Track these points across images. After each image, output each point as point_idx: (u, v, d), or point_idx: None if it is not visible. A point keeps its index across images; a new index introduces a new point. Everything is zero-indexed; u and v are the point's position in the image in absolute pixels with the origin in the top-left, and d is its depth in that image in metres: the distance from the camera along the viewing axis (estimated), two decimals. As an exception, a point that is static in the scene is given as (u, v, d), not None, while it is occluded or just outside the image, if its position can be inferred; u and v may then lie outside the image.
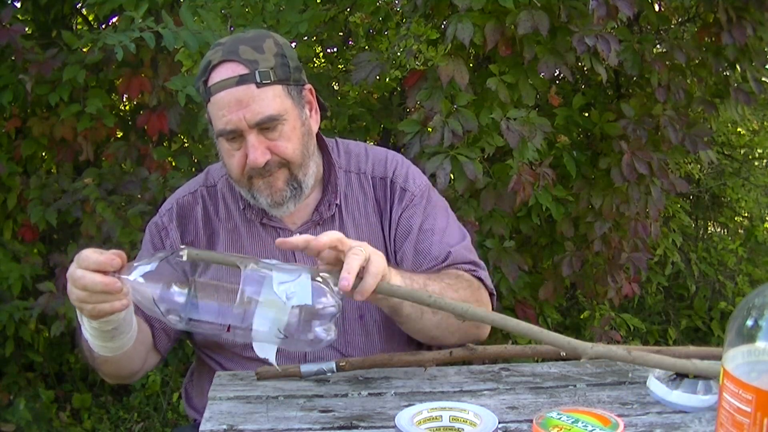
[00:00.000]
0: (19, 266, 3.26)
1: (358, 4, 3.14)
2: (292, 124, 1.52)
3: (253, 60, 1.48)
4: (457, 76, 2.57)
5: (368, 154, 1.70)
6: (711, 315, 4.73)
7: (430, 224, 1.64)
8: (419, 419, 1.18)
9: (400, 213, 1.64)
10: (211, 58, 1.50)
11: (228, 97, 1.47)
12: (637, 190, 3.03)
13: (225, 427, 1.23)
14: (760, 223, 5.13)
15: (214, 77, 1.49)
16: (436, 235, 1.63)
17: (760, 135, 4.74)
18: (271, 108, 1.48)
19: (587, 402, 1.31)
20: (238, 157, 1.52)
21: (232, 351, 1.60)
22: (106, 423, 3.67)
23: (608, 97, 3.40)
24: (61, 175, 3.30)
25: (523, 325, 1.26)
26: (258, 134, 1.49)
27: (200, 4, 2.88)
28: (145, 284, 1.20)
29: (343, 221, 1.63)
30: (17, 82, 3.06)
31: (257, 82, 1.47)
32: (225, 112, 1.48)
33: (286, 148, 1.52)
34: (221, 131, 1.50)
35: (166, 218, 1.66)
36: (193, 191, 1.68)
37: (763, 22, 2.95)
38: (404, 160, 1.72)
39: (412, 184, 1.66)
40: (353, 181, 1.66)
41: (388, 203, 1.66)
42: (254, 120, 1.47)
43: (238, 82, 1.47)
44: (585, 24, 2.66)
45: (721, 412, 0.88)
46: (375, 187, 1.67)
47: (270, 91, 1.49)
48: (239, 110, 1.47)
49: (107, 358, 1.41)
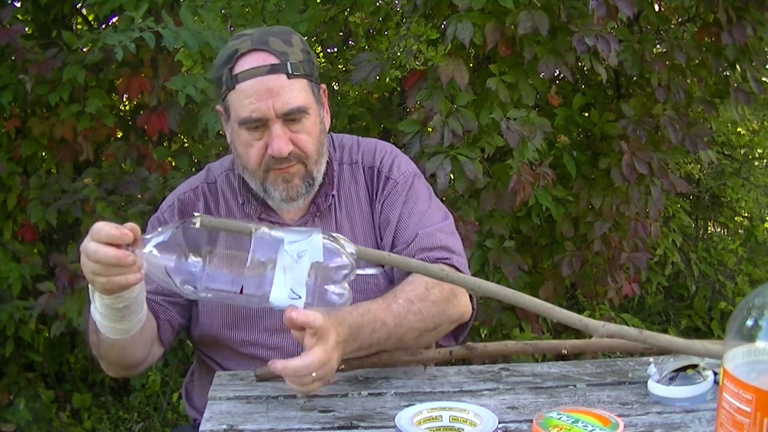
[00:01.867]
0: (19, 266, 3.26)
1: (358, 4, 3.14)
2: (313, 120, 1.53)
3: (284, 52, 1.49)
4: (457, 76, 2.57)
5: (359, 145, 1.71)
6: (711, 315, 4.73)
7: (409, 208, 1.63)
8: (419, 419, 1.18)
9: (383, 200, 1.64)
10: (238, 47, 1.50)
11: (258, 85, 1.47)
12: (637, 190, 3.03)
13: (225, 427, 1.23)
14: (760, 223, 5.13)
15: (242, 65, 1.48)
16: (413, 217, 1.62)
17: (760, 135, 4.74)
18: (299, 100, 1.49)
19: (587, 402, 1.31)
20: (258, 148, 1.51)
21: (230, 347, 1.60)
22: (106, 423, 3.67)
23: (608, 97, 3.40)
24: (61, 175, 3.30)
25: (536, 302, 1.25)
26: (282, 125, 1.49)
27: (200, 4, 2.88)
28: (158, 256, 1.19)
29: (339, 212, 1.64)
30: (17, 82, 3.06)
31: (288, 73, 1.48)
32: (253, 100, 1.47)
33: (307, 142, 1.52)
34: (246, 119, 1.49)
35: (167, 214, 1.66)
36: (194, 188, 1.68)
37: (763, 22, 2.95)
38: (393, 149, 1.72)
39: (396, 172, 1.66)
40: (345, 172, 1.67)
41: (376, 192, 1.66)
42: (283, 110, 1.47)
43: (269, 71, 1.47)
44: (585, 24, 2.66)
45: (721, 412, 0.88)
46: (366, 177, 1.67)
47: (298, 83, 1.50)
48: (269, 99, 1.46)
49: (114, 342, 1.39)
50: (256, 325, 1.58)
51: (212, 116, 2.82)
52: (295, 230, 1.22)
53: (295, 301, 1.20)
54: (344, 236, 1.25)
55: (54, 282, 3.13)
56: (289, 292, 1.19)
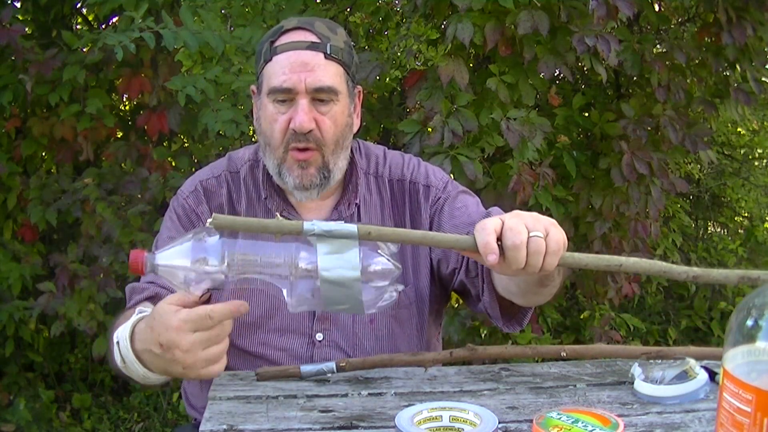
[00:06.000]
0: (19, 266, 3.26)
1: (358, 4, 3.14)
2: (341, 109, 1.53)
3: (326, 36, 1.51)
4: (457, 76, 2.57)
5: (386, 157, 1.70)
6: (711, 315, 4.73)
7: (461, 203, 1.63)
8: (419, 419, 1.18)
9: (430, 208, 1.64)
10: (284, 24, 1.53)
11: (294, 57, 1.48)
12: (637, 190, 3.03)
13: (225, 427, 1.23)
14: (760, 223, 5.13)
15: (284, 39, 1.51)
16: (470, 207, 1.62)
17: (760, 135, 4.74)
18: (332, 80, 1.49)
19: (587, 402, 1.31)
20: (281, 122, 1.50)
21: (238, 347, 1.59)
22: (106, 423, 3.67)
23: (608, 97, 3.40)
24: (61, 175, 3.30)
25: None
26: (310, 102, 1.49)
27: (200, 4, 2.89)
28: (179, 267, 1.14)
29: (361, 222, 1.63)
30: (17, 82, 3.05)
31: (326, 53, 1.49)
32: (287, 70, 1.48)
33: (330, 127, 1.51)
34: (275, 88, 1.48)
35: (191, 200, 1.63)
36: (217, 175, 1.65)
37: (763, 22, 2.95)
38: (420, 161, 1.72)
39: (433, 179, 1.66)
40: (371, 184, 1.66)
41: (408, 206, 1.65)
42: (314, 85, 1.48)
43: (308, 47, 1.49)
44: (585, 24, 2.66)
45: (721, 412, 0.88)
46: (392, 190, 1.66)
47: (334, 66, 1.51)
48: (302, 72, 1.47)
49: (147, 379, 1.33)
50: (265, 324, 1.58)
51: (212, 116, 2.82)
52: (330, 234, 1.14)
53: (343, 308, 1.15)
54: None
55: (54, 282, 3.14)
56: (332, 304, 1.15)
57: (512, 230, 1.14)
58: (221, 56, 2.90)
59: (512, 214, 1.19)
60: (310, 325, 1.58)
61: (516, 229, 1.14)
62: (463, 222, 1.59)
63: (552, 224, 1.19)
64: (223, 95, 2.92)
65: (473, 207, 1.63)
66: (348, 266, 1.12)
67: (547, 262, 1.16)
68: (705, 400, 1.29)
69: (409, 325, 1.63)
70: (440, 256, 1.61)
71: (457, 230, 1.57)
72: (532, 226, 1.16)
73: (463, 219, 1.59)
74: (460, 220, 1.60)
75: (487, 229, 1.15)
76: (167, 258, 1.15)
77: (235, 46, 2.86)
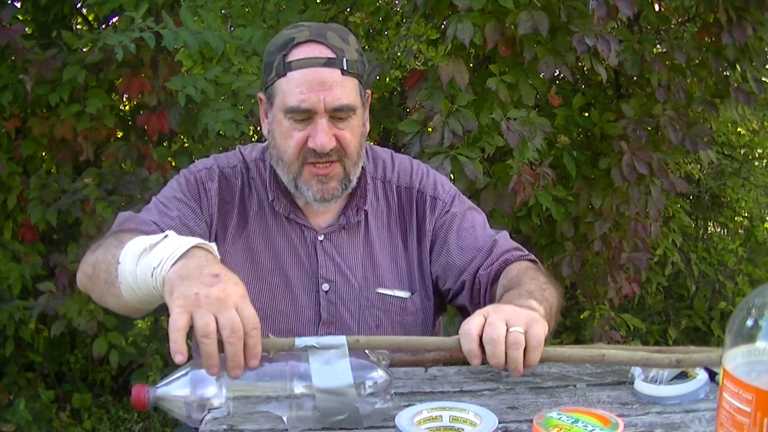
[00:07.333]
0: (19, 266, 3.26)
1: (358, 4, 3.14)
2: (358, 121, 1.52)
3: (340, 48, 1.48)
4: (457, 76, 2.57)
5: (394, 163, 1.69)
6: (711, 315, 4.73)
7: (468, 222, 1.64)
8: (419, 419, 1.18)
9: (435, 221, 1.64)
10: (295, 35, 1.48)
11: (311, 76, 1.45)
12: (637, 190, 3.03)
13: (225, 427, 1.22)
14: (760, 223, 5.13)
15: (297, 53, 1.46)
16: (478, 229, 1.63)
17: (760, 135, 4.74)
18: (350, 98, 1.48)
19: (587, 402, 1.31)
20: (298, 139, 1.48)
21: None
22: (106, 423, 3.67)
23: (608, 97, 3.40)
24: (61, 175, 3.30)
25: None
26: (329, 120, 1.47)
27: (200, 4, 2.89)
28: (180, 398, 1.17)
29: (368, 229, 1.62)
30: (17, 82, 3.05)
31: (343, 69, 1.47)
32: (304, 89, 1.45)
33: (350, 140, 1.50)
34: (294, 108, 1.46)
35: (204, 174, 1.59)
36: (233, 165, 1.63)
37: (763, 22, 2.95)
38: (429, 169, 1.72)
39: (441, 191, 1.66)
40: (379, 189, 1.66)
41: (415, 214, 1.65)
42: (333, 105, 1.46)
43: (325, 64, 1.46)
44: (585, 24, 2.66)
45: (721, 412, 0.88)
46: (399, 197, 1.66)
47: (351, 81, 1.49)
48: (320, 91, 1.45)
49: (126, 304, 1.30)
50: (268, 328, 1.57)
51: (212, 116, 2.82)
52: (320, 351, 1.17)
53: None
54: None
55: (54, 282, 3.14)
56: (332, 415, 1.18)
57: (491, 325, 1.19)
58: (221, 56, 2.90)
59: (495, 309, 1.23)
60: (315, 330, 1.58)
61: (495, 324, 1.19)
62: (469, 245, 1.61)
63: (533, 320, 1.21)
64: (223, 95, 2.92)
65: (480, 229, 1.64)
66: (341, 374, 1.16)
67: (529, 358, 1.19)
68: (705, 400, 1.28)
69: (414, 331, 1.64)
70: (439, 273, 1.64)
71: (463, 252, 1.61)
72: (511, 321, 1.19)
73: (470, 242, 1.62)
74: (466, 243, 1.62)
75: (472, 334, 1.19)
76: (168, 391, 1.19)
77: (235, 46, 2.86)
